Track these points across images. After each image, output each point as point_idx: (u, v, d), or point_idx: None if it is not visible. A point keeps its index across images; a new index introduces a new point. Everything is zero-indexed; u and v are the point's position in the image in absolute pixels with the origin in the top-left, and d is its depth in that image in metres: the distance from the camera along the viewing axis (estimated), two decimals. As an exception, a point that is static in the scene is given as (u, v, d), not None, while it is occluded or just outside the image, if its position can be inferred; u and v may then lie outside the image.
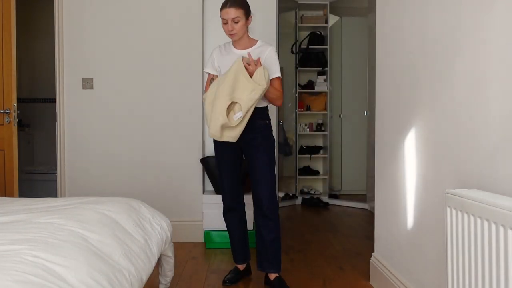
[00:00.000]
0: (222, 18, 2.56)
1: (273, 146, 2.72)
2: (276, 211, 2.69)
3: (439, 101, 1.90)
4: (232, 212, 2.85)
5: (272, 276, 2.72)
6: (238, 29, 2.56)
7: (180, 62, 3.75)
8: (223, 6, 2.57)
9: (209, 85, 2.67)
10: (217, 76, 2.69)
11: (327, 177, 5.66)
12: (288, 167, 5.58)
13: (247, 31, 2.66)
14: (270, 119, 2.75)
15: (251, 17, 2.63)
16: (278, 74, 2.63)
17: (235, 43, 2.68)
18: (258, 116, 2.65)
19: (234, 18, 2.53)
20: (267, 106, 2.72)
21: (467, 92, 1.67)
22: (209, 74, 2.77)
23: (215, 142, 2.75)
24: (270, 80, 2.57)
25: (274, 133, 3.42)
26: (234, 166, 2.76)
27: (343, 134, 5.62)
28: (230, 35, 2.59)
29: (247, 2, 2.63)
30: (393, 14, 2.49)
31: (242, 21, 2.56)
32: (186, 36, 3.75)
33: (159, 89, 3.75)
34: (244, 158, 2.78)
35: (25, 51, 5.33)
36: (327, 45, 5.64)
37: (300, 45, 5.62)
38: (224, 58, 2.68)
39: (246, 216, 2.93)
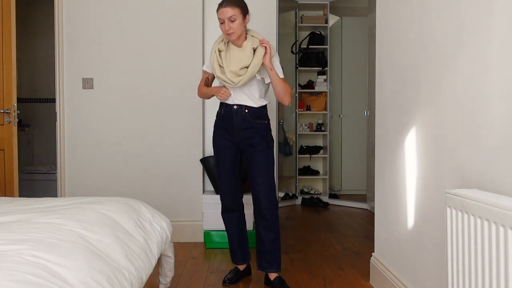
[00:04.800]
0: (219, 18, 2.56)
1: (271, 145, 2.69)
2: (275, 211, 2.67)
3: (439, 101, 1.90)
4: (230, 212, 2.83)
5: (272, 276, 2.72)
6: (236, 28, 2.54)
7: (180, 62, 3.75)
8: (219, 6, 2.56)
9: (204, 82, 2.74)
10: (213, 75, 2.72)
11: (327, 177, 5.66)
12: (288, 167, 5.58)
13: (246, 30, 2.65)
14: (269, 119, 2.73)
15: (249, 16, 2.63)
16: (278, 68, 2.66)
17: (234, 43, 2.67)
18: (257, 115, 2.65)
19: (230, 16, 2.51)
20: (265, 106, 2.71)
21: (467, 91, 1.67)
22: (205, 72, 2.78)
23: (214, 142, 2.75)
24: None
25: (274, 133, 3.42)
26: (233, 167, 2.75)
27: (343, 134, 5.62)
28: (228, 34, 2.56)
29: (243, 1, 2.62)
30: (393, 14, 2.49)
31: (239, 20, 2.54)
32: (186, 36, 3.76)
33: (159, 88, 3.76)
34: (243, 158, 2.77)
35: (25, 51, 5.34)
36: (327, 45, 5.64)
37: (300, 45, 5.62)
38: None
39: (246, 216, 2.92)
